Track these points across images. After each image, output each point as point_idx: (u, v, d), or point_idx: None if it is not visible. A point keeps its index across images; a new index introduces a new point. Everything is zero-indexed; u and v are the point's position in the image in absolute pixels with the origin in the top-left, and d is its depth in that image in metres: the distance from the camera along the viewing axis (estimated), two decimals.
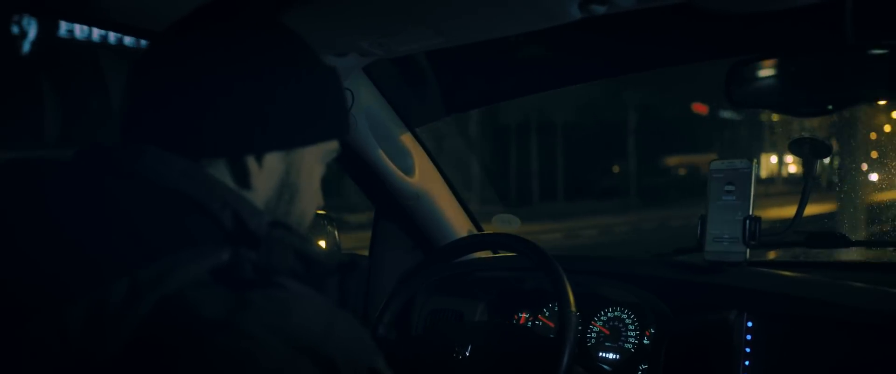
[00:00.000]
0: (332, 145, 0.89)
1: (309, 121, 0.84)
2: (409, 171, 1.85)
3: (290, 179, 0.85)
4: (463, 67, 1.78)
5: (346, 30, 1.33)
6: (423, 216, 1.93)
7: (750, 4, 1.05)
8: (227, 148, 0.80)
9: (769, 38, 1.35)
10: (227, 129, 0.79)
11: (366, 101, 1.71)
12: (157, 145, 0.77)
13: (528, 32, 1.28)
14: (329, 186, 0.94)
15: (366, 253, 2.07)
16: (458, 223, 1.97)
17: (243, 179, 0.81)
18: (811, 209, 1.50)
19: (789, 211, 1.51)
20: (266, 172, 0.82)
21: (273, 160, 0.82)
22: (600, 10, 1.13)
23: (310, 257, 0.78)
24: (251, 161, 0.80)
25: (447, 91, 1.87)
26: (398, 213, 1.94)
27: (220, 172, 0.80)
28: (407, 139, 1.85)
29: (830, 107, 1.23)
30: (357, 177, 1.90)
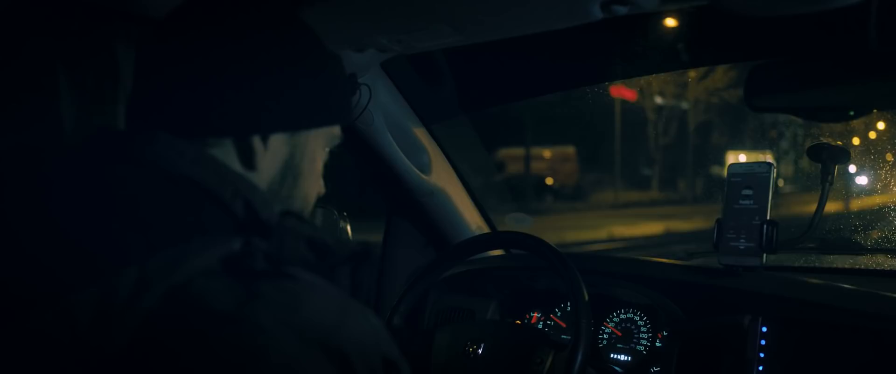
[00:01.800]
0: (336, 131, 0.91)
1: (315, 106, 0.86)
2: (424, 168, 1.85)
3: (294, 161, 0.86)
4: (481, 66, 1.78)
5: (364, 26, 1.33)
6: (436, 214, 1.93)
7: (772, 8, 1.05)
8: (234, 128, 0.80)
9: (791, 42, 1.34)
10: (233, 110, 0.79)
11: (383, 97, 1.71)
12: (162, 127, 0.77)
13: (549, 32, 1.27)
14: None
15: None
16: (472, 221, 1.97)
17: (248, 159, 0.81)
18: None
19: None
20: (271, 154, 0.83)
21: (278, 142, 0.83)
22: (622, 10, 1.13)
23: (321, 245, 0.77)
24: (257, 142, 0.81)
25: (464, 89, 1.87)
26: (412, 209, 1.94)
27: (226, 151, 0.81)
28: (423, 136, 1.85)
29: (852, 112, 1.22)
30: (372, 172, 1.90)
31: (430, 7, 1.21)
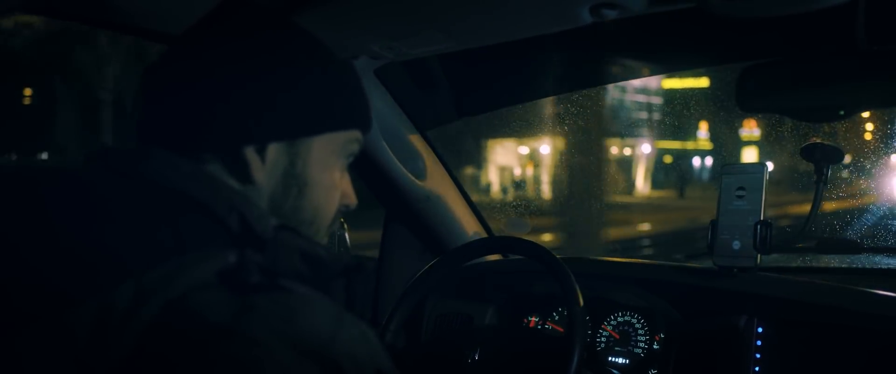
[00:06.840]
0: (351, 136, 0.88)
1: (313, 112, 0.83)
2: (419, 174, 1.86)
3: (296, 171, 0.83)
4: (474, 71, 1.79)
5: (356, 33, 1.34)
6: (433, 219, 1.93)
7: (760, 9, 1.05)
8: (232, 135, 0.79)
9: (780, 43, 1.35)
10: (224, 123, 0.79)
11: (376, 104, 1.71)
12: (166, 145, 0.78)
13: (541, 36, 1.28)
14: None
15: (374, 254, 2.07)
16: (469, 226, 1.97)
17: (244, 172, 0.80)
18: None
19: None
20: (269, 165, 0.81)
21: (275, 152, 0.81)
22: (611, 14, 1.13)
23: (316, 259, 0.78)
24: (250, 153, 0.80)
25: (458, 94, 1.87)
26: (408, 216, 1.94)
27: (226, 163, 0.80)
28: (417, 142, 1.85)
29: (842, 112, 1.22)
30: (367, 179, 1.90)
31: (420, 14, 1.22)
